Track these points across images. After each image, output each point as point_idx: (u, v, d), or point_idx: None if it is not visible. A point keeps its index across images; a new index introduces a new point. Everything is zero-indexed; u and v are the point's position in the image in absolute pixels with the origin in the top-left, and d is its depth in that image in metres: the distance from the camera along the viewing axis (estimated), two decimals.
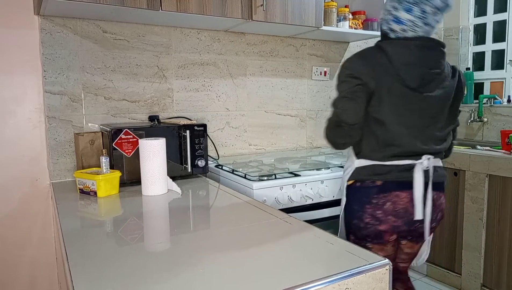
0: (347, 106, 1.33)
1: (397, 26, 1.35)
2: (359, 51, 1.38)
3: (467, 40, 2.99)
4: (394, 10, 1.35)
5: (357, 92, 1.33)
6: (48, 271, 1.84)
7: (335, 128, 1.39)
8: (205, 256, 0.95)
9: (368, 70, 1.32)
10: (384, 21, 1.40)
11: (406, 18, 1.33)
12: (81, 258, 0.94)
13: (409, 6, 1.32)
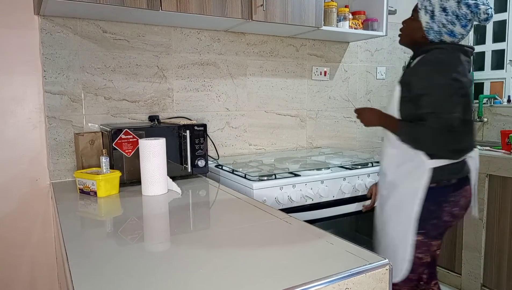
0: (458, 112, 1.34)
1: (450, 38, 1.43)
2: (446, 52, 1.39)
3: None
4: (451, 24, 1.40)
5: (459, 96, 1.35)
6: (48, 271, 1.84)
7: (444, 136, 1.35)
8: (205, 256, 0.95)
9: (464, 73, 1.37)
10: (432, 31, 1.43)
11: (460, 32, 1.41)
12: (81, 258, 0.94)
13: (466, 22, 1.40)
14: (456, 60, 1.38)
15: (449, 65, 1.36)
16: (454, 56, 1.39)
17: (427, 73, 1.37)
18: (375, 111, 1.57)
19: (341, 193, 1.90)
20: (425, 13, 1.44)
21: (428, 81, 1.36)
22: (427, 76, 1.37)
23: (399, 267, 1.50)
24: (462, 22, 1.39)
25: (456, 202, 1.45)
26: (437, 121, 1.33)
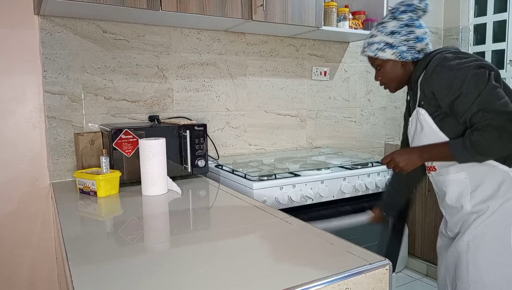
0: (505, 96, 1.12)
1: (422, 43, 1.32)
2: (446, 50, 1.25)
3: (467, 40, 2.99)
4: (411, 34, 1.31)
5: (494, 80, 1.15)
6: (48, 271, 1.84)
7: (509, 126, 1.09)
8: (205, 256, 0.95)
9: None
10: (405, 53, 1.30)
11: (423, 33, 1.32)
12: (81, 258, 0.94)
13: (419, 23, 1.33)
14: (463, 52, 1.24)
15: (461, 57, 1.19)
16: (458, 50, 1.26)
17: (446, 75, 1.18)
18: (408, 151, 1.32)
19: (341, 193, 1.90)
20: (382, 51, 1.32)
21: (453, 81, 1.16)
22: (449, 77, 1.17)
23: None
24: (415, 23, 1.32)
25: None
26: (491, 115, 1.10)
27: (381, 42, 1.32)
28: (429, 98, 1.24)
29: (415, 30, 1.31)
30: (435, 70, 1.20)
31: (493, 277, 1.20)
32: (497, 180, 1.20)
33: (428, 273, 2.64)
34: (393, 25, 1.31)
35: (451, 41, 3.03)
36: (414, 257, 2.74)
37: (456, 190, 1.28)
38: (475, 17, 2.97)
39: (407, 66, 1.34)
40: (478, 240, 1.22)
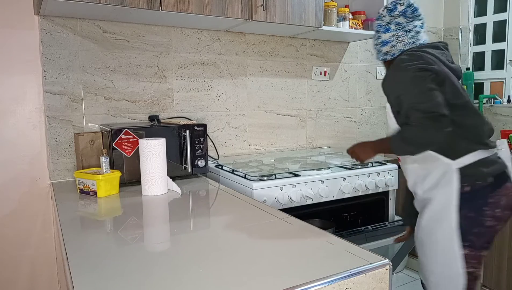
0: (438, 97, 1.25)
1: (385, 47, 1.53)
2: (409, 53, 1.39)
3: (467, 40, 2.99)
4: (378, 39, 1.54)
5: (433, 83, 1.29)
6: (48, 271, 1.84)
7: (431, 124, 1.23)
8: (205, 256, 0.95)
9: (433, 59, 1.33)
10: (377, 54, 1.57)
11: (414, 25, 1.47)
12: (81, 258, 0.94)
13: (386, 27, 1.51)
14: (421, 54, 1.34)
15: (411, 60, 1.33)
16: (418, 53, 1.35)
17: (393, 76, 1.37)
18: (365, 143, 1.49)
19: (341, 193, 1.90)
20: (384, 54, 1.53)
21: (396, 82, 1.35)
22: (394, 79, 1.36)
23: (455, 282, 1.35)
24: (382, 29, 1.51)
25: (497, 203, 1.31)
26: (417, 113, 1.25)
27: (378, 43, 1.59)
28: (386, 95, 1.42)
29: (403, 23, 1.47)
30: (389, 70, 1.40)
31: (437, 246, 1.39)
32: (440, 171, 1.34)
33: None
34: (380, 24, 1.54)
35: (451, 41, 3.03)
36: (414, 257, 2.73)
37: (412, 178, 1.47)
38: (475, 17, 2.97)
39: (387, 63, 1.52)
40: (429, 224, 1.40)
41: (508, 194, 1.33)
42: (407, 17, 1.46)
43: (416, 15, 1.47)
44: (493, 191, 1.30)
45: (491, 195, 1.30)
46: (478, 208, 1.30)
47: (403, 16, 1.47)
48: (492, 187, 1.31)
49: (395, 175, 2.32)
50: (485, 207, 1.30)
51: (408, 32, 1.46)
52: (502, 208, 1.32)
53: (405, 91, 1.30)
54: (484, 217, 1.30)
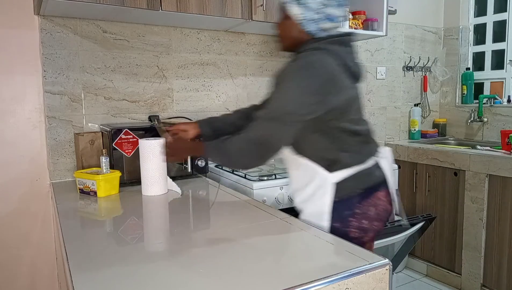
0: (287, 139, 1.20)
1: (330, 24, 1.22)
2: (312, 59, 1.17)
3: (467, 40, 2.99)
4: (325, 7, 1.19)
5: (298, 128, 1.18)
6: (48, 271, 1.84)
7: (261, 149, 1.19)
8: (204, 256, 0.95)
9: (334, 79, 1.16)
10: (308, 21, 1.21)
11: (337, 15, 1.22)
12: (81, 258, 0.94)
13: (339, 1, 1.22)
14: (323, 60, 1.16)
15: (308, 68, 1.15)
16: (325, 57, 1.17)
17: (282, 77, 1.18)
18: (183, 145, 1.40)
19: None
20: (293, 4, 1.22)
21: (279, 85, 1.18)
22: (282, 79, 1.18)
23: None
24: (335, 1, 1.20)
25: (365, 214, 1.23)
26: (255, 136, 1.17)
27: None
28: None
29: (332, 6, 1.20)
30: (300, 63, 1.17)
31: None
32: (318, 183, 1.24)
33: (428, 273, 2.64)
34: None
35: (451, 41, 3.04)
36: (414, 257, 2.74)
37: (294, 184, 1.36)
38: (475, 17, 2.97)
39: (303, 35, 1.24)
40: None
41: (377, 204, 1.25)
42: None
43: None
44: (361, 202, 1.23)
45: (358, 206, 1.23)
46: (343, 219, 1.22)
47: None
48: (360, 197, 1.23)
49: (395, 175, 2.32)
50: (351, 218, 1.22)
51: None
52: (370, 219, 1.24)
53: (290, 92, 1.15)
54: (348, 228, 1.22)
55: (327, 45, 1.20)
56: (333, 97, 1.16)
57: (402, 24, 2.87)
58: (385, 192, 1.29)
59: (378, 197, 1.26)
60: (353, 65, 1.24)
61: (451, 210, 2.48)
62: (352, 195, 1.23)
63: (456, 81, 3.01)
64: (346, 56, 1.22)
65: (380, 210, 1.26)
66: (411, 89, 3.00)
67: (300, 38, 1.25)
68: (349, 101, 1.21)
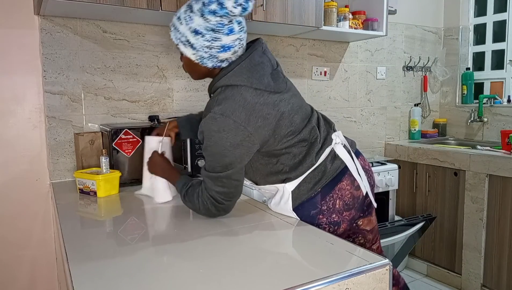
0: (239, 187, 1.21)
1: (227, 53, 1.18)
2: (220, 109, 1.12)
3: (467, 40, 2.99)
4: (215, 41, 1.15)
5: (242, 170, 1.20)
6: (48, 271, 1.84)
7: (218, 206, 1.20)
8: (204, 256, 0.95)
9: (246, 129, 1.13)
10: (205, 59, 1.18)
11: (231, 40, 1.16)
12: (81, 258, 0.94)
13: (228, 28, 1.15)
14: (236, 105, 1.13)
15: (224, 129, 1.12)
16: (234, 99, 1.13)
17: (205, 135, 1.16)
18: (162, 163, 1.42)
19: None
20: (184, 46, 1.19)
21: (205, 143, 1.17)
22: (205, 137, 1.16)
23: None
24: (224, 30, 1.14)
25: (331, 209, 1.23)
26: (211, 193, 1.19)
27: (183, 35, 1.17)
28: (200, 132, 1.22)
29: (221, 38, 1.15)
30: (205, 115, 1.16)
31: None
32: (280, 193, 1.27)
33: (428, 273, 2.64)
34: (199, 23, 1.14)
35: (451, 41, 3.04)
36: (414, 257, 2.74)
37: (265, 195, 1.41)
38: (475, 17, 2.97)
39: (207, 69, 1.23)
40: None
41: (342, 195, 1.25)
42: (242, 16, 1.17)
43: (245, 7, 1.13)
44: (324, 198, 1.23)
45: (322, 203, 1.23)
46: (312, 217, 1.22)
47: (244, 11, 1.14)
48: (321, 195, 1.23)
49: (395, 175, 2.32)
50: (320, 215, 1.23)
51: (245, 33, 1.23)
52: (339, 212, 1.24)
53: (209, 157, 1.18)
54: (319, 225, 1.22)
55: (232, 79, 1.17)
56: (261, 130, 1.15)
57: (402, 24, 2.87)
58: (349, 180, 1.26)
59: (341, 189, 1.25)
60: (267, 82, 1.18)
61: (451, 210, 2.48)
62: (312, 195, 1.23)
63: (456, 81, 3.01)
64: (256, 79, 1.17)
65: (347, 199, 1.26)
66: (411, 89, 3.00)
67: (206, 72, 1.24)
68: (279, 121, 1.18)
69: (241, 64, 1.19)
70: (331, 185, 1.25)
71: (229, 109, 1.12)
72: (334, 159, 1.27)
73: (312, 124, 1.27)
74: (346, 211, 1.26)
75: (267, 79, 1.19)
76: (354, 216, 1.29)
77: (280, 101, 1.19)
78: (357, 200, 1.28)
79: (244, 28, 1.20)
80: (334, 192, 1.24)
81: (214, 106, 1.14)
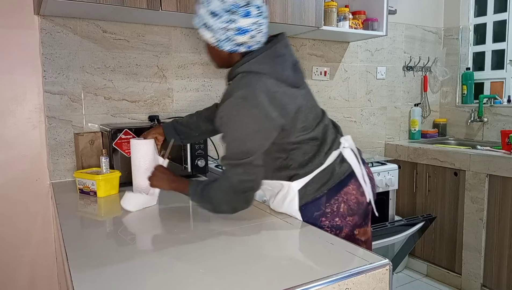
0: (260, 174, 1.17)
1: (245, 36, 1.17)
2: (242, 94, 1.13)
3: (467, 40, 2.99)
4: (231, 23, 1.15)
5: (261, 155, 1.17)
6: (48, 271, 1.84)
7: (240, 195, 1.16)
8: (204, 256, 0.95)
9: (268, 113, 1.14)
10: (222, 42, 1.19)
11: (248, 23, 1.16)
12: (81, 258, 0.94)
13: (244, 10, 1.15)
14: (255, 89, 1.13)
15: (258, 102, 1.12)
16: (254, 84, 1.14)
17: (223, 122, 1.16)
18: (167, 173, 1.35)
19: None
20: (203, 29, 1.20)
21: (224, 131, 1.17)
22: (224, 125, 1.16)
23: None
24: (240, 12, 1.14)
25: (335, 212, 1.23)
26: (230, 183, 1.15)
27: (203, 18, 1.19)
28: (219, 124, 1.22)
29: (238, 20, 1.15)
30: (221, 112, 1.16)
31: None
32: (284, 192, 1.27)
33: (428, 273, 2.64)
34: (216, 5, 1.15)
35: (451, 41, 3.04)
36: (414, 257, 2.74)
37: (266, 193, 1.38)
38: (475, 17, 2.97)
39: (227, 54, 1.23)
40: None
41: (347, 200, 1.24)
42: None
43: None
44: (329, 201, 1.23)
45: (327, 205, 1.23)
46: (315, 219, 1.23)
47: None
48: (327, 197, 1.23)
49: (395, 175, 2.32)
50: (323, 218, 1.23)
51: (266, 19, 1.21)
52: (342, 216, 1.24)
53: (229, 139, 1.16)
54: (321, 228, 1.21)
55: (254, 66, 1.18)
56: (278, 118, 1.15)
57: (402, 24, 2.87)
58: (355, 185, 1.27)
59: (346, 192, 1.25)
60: (289, 75, 1.21)
61: (451, 210, 2.48)
62: (318, 196, 1.23)
63: (456, 81, 3.01)
64: (278, 69, 1.19)
65: (352, 204, 1.25)
66: (411, 89, 3.00)
67: (226, 57, 1.24)
68: (296, 114, 1.19)
69: (264, 53, 1.20)
70: (337, 187, 1.25)
71: (251, 94, 1.12)
72: (342, 162, 1.28)
73: (323, 124, 1.28)
74: (350, 216, 1.25)
75: (288, 71, 1.21)
76: (357, 222, 1.28)
77: (298, 96, 1.22)
78: (361, 206, 1.28)
79: (263, 14, 1.19)
80: (339, 195, 1.24)
81: (235, 91, 1.14)
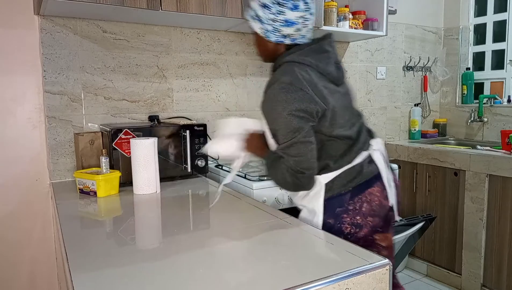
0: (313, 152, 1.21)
1: (291, 29, 1.24)
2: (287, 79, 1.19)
3: (467, 40, 2.99)
4: (280, 15, 1.22)
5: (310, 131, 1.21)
6: (48, 271, 1.84)
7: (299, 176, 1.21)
8: (205, 256, 0.95)
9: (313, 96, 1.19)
10: (269, 32, 1.25)
11: (295, 16, 1.23)
12: (81, 258, 0.94)
13: (294, 3, 1.22)
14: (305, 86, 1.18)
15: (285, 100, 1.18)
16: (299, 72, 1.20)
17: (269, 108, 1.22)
18: (258, 136, 1.36)
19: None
20: (253, 20, 1.28)
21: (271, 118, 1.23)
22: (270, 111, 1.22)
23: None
24: (288, 4, 1.21)
25: (357, 210, 1.25)
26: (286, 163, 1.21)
27: (254, 10, 1.28)
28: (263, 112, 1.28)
29: (285, 12, 1.22)
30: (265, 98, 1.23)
31: None
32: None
33: (428, 273, 2.64)
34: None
35: (451, 41, 3.04)
36: (414, 257, 2.74)
37: None
38: (475, 17, 2.97)
39: (273, 45, 1.29)
40: None
41: (371, 200, 1.26)
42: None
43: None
44: (352, 198, 1.25)
45: (350, 203, 1.25)
46: (337, 215, 1.25)
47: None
48: (351, 194, 1.25)
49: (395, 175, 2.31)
50: (344, 214, 1.24)
51: (312, 16, 1.27)
52: (364, 215, 1.25)
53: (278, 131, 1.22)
54: (341, 224, 1.24)
55: (300, 57, 1.24)
56: (320, 103, 1.20)
57: (402, 24, 2.87)
58: (380, 187, 1.28)
59: (371, 193, 1.27)
60: (331, 71, 1.27)
61: (451, 210, 2.48)
62: (343, 192, 1.26)
63: (456, 81, 3.01)
64: (322, 63, 1.25)
65: (375, 205, 1.26)
66: (411, 89, 3.00)
67: (272, 49, 1.31)
68: (334, 108, 1.24)
69: (310, 47, 1.26)
70: (363, 186, 1.27)
71: (296, 80, 1.18)
72: (371, 163, 1.30)
73: (359, 125, 1.32)
74: (371, 216, 1.26)
75: (331, 68, 1.27)
76: (377, 225, 1.28)
77: (338, 92, 1.27)
78: (383, 209, 1.29)
79: (310, 10, 1.25)
80: (364, 195, 1.26)
81: (281, 77, 1.20)
